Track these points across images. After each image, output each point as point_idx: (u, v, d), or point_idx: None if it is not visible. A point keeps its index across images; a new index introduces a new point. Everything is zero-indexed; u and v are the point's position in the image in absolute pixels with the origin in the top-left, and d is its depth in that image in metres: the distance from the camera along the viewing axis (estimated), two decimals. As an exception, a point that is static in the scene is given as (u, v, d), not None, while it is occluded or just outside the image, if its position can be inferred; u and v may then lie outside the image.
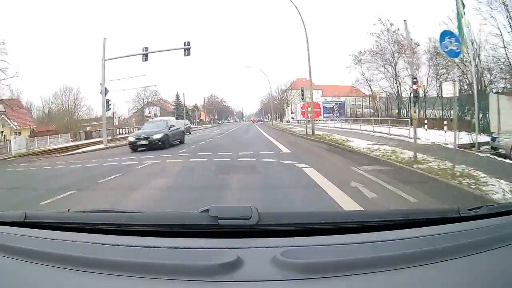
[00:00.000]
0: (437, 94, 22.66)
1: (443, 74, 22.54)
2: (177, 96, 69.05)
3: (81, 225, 1.01)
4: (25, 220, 1.03)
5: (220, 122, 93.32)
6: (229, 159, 8.90)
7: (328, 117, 38.99)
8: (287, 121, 49.52)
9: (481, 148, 9.58)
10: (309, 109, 38.13)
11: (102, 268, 0.77)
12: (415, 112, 12.11)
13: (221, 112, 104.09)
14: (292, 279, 0.71)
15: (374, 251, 0.81)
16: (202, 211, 0.94)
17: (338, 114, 39.05)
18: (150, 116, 55.23)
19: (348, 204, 3.81)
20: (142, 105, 59.88)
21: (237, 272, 0.73)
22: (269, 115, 77.67)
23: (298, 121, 44.48)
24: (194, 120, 77.68)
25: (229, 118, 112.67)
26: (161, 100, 71.64)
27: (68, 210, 1.20)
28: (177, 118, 72.66)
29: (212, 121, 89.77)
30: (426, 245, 0.83)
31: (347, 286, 0.71)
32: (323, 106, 41.44)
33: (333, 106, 40.85)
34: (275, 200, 4.26)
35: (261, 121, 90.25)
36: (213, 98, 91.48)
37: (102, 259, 0.80)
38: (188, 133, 28.09)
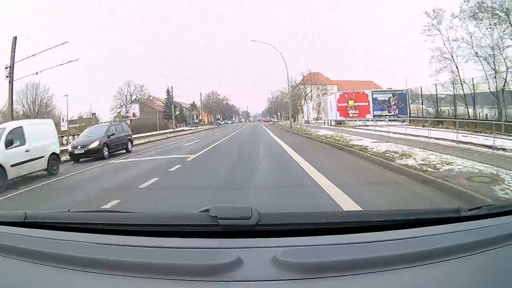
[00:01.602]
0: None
1: None
2: (168, 92, 56.75)
3: (81, 225, 1.01)
4: (25, 220, 1.03)
5: (222, 122, 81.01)
6: None
7: (381, 115, 24.21)
8: (306, 122, 36.41)
9: None
10: (349, 103, 24.27)
11: (102, 268, 0.77)
12: None
13: (224, 112, 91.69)
14: (292, 279, 0.71)
15: (374, 251, 0.80)
16: (202, 211, 0.93)
17: (396, 110, 25.03)
18: (127, 117, 41.95)
19: None
20: (126, 103, 47.38)
21: (237, 272, 0.73)
22: (279, 114, 65.00)
23: (326, 121, 31.92)
24: (191, 121, 65.10)
25: (233, 118, 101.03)
26: (151, 98, 59.07)
27: (68, 210, 1.18)
28: (166, 119, 59.30)
29: (212, 121, 77.20)
30: (426, 245, 0.82)
31: (347, 286, 0.71)
32: (373, 99, 25.62)
33: (389, 98, 25.46)
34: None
35: (271, 121, 77.81)
36: (214, 95, 78.82)
37: (102, 259, 0.80)
38: (124, 151, 14.07)
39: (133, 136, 19.28)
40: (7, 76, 16.69)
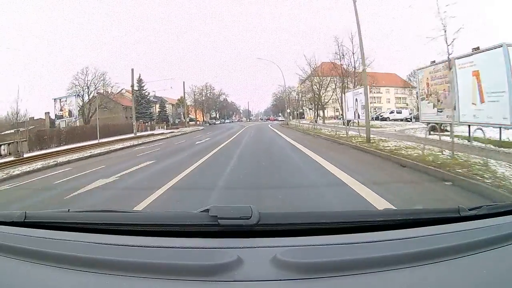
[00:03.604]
0: None
1: None
2: (139, 81, 42.21)
3: (81, 225, 1.01)
4: (25, 220, 1.03)
5: (218, 122, 66.26)
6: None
7: None
8: (348, 122, 20.93)
9: None
10: None
11: (102, 268, 0.77)
12: None
13: (222, 109, 77.28)
14: (292, 279, 0.71)
15: (374, 251, 0.80)
16: (202, 211, 0.93)
17: None
18: (61, 117, 28.06)
19: None
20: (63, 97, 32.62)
21: (237, 272, 0.73)
22: (289, 111, 50.32)
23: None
24: (177, 120, 50.66)
25: (233, 117, 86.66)
26: (122, 90, 44.75)
27: (68, 210, 1.17)
28: (137, 118, 43.85)
29: (206, 121, 62.73)
30: (426, 245, 0.82)
31: (346, 286, 0.71)
32: None
33: None
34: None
35: (276, 120, 63.24)
36: (209, 89, 64.18)
37: (102, 259, 0.80)
38: None
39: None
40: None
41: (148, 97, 44.78)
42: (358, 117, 16.97)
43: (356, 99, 16.73)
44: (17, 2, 70.48)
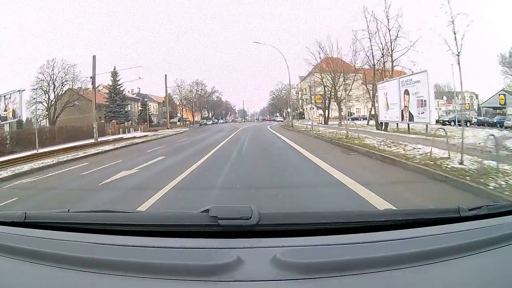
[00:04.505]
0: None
1: None
2: (114, 74, 36.25)
3: (81, 225, 1.01)
4: (25, 220, 1.02)
5: (210, 122, 60.36)
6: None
7: None
8: (386, 126, 14.52)
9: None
10: None
11: (102, 268, 0.77)
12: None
13: (215, 108, 71.46)
14: (292, 279, 0.71)
15: (374, 251, 0.80)
16: (202, 211, 0.93)
17: None
18: (5, 118, 21.11)
19: None
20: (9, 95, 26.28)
21: (237, 272, 0.73)
22: (289, 110, 44.63)
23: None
24: (162, 121, 44.91)
25: (226, 117, 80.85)
26: (101, 86, 38.82)
27: (68, 210, 1.16)
28: (109, 119, 37.40)
29: (197, 121, 56.99)
30: (426, 245, 0.82)
31: (347, 286, 0.71)
32: None
33: None
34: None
35: (274, 120, 57.97)
36: (200, 86, 58.26)
37: (102, 259, 0.80)
38: None
39: None
40: None
41: (124, 93, 38.66)
42: (410, 119, 10.95)
43: (407, 91, 10.85)
44: (17, 2, 69.47)
